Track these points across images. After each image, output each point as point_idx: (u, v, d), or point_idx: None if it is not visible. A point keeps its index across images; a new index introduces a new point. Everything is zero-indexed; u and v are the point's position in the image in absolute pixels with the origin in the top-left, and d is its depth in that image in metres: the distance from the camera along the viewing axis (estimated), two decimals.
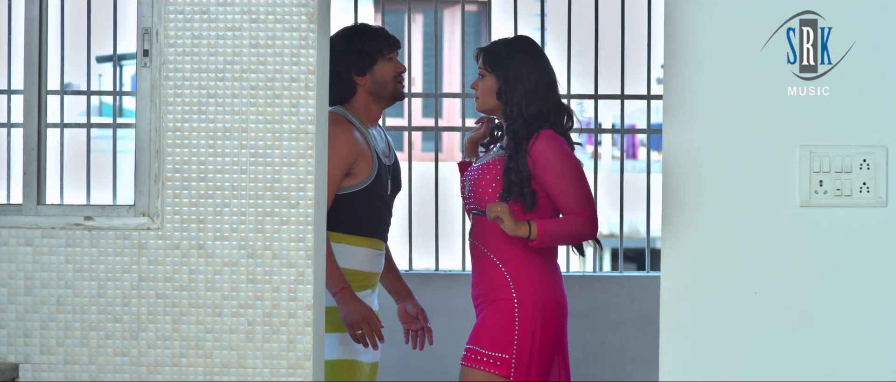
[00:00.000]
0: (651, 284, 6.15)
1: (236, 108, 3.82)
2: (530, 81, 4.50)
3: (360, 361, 4.70)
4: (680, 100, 3.63)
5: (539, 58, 4.55)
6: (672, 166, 3.63)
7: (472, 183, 4.57)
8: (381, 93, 4.72)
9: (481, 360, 4.47)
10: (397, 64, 4.75)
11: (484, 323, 4.51)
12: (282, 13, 3.81)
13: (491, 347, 4.46)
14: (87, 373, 3.86)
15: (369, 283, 4.72)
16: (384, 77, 4.71)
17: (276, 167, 3.81)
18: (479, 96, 4.59)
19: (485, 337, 4.48)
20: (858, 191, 3.57)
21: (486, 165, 4.56)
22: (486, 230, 4.53)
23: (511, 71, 4.51)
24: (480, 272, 4.57)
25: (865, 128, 3.58)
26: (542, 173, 4.42)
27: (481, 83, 4.59)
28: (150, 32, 3.85)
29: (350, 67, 4.68)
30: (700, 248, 3.62)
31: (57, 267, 3.87)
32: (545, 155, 4.42)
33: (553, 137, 4.46)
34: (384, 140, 4.84)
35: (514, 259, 4.48)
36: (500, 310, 4.48)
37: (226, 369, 3.82)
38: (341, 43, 4.70)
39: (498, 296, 4.49)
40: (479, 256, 4.57)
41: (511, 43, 4.60)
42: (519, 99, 4.49)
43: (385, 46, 4.72)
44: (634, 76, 6.62)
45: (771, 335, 3.60)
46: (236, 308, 3.82)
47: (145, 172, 3.85)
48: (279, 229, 3.81)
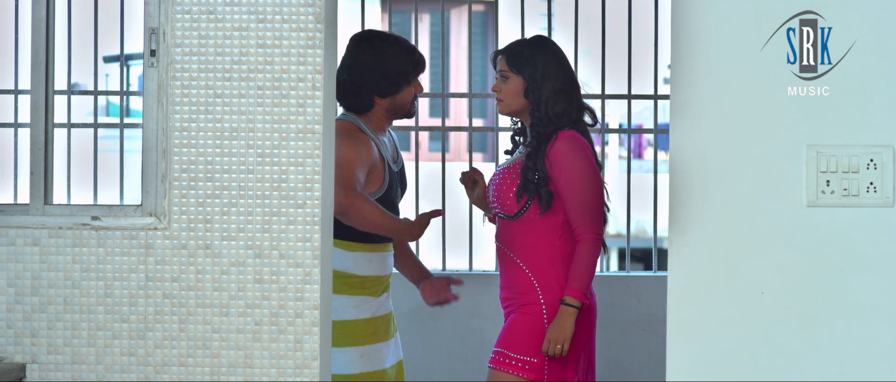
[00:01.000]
0: (658, 284, 6.14)
1: (243, 108, 3.82)
2: (557, 79, 4.49)
3: (383, 369, 4.70)
4: (687, 100, 3.62)
5: (561, 56, 4.54)
6: (679, 166, 3.63)
7: (494, 187, 4.56)
8: (397, 113, 4.72)
9: (510, 364, 4.47)
10: (417, 85, 4.73)
11: (512, 327, 4.50)
12: (289, 13, 3.81)
13: (520, 351, 4.46)
14: (94, 373, 3.86)
15: (385, 285, 4.75)
16: (404, 101, 4.70)
17: (283, 167, 3.81)
18: (504, 99, 4.55)
19: (514, 341, 4.48)
20: (865, 191, 3.57)
21: (507, 168, 4.55)
22: (511, 235, 4.53)
23: (538, 70, 4.49)
24: (507, 275, 4.56)
25: (871, 128, 3.57)
26: (558, 177, 4.42)
27: (505, 85, 4.55)
28: (156, 32, 3.85)
29: (374, 87, 4.65)
30: (707, 248, 3.62)
31: (64, 267, 3.87)
32: (562, 159, 4.41)
33: (573, 139, 4.44)
34: (392, 145, 4.83)
35: (540, 264, 4.48)
36: (529, 314, 4.47)
37: (233, 369, 3.83)
38: (370, 58, 4.66)
39: (525, 300, 4.49)
40: (506, 260, 4.57)
41: (531, 42, 4.57)
42: (547, 98, 4.47)
43: (412, 71, 4.70)
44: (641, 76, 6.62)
45: (778, 335, 3.60)
46: (243, 308, 3.82)
47: (152, 172, 3.86)
48: (286, 229, 3.81)
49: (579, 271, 4.40)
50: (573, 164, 4.41)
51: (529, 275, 4.48)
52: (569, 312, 4.39)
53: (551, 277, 4.46)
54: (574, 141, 4.44)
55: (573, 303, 4.39)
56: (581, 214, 4.41)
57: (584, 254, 4.40)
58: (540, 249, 4.47)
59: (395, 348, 4.79)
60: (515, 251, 4.51)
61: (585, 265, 4.40)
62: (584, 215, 4.41)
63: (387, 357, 4.70)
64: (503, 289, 4.59)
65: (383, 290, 4.72)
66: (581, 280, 4.39)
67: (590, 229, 4.41)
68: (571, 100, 4.49)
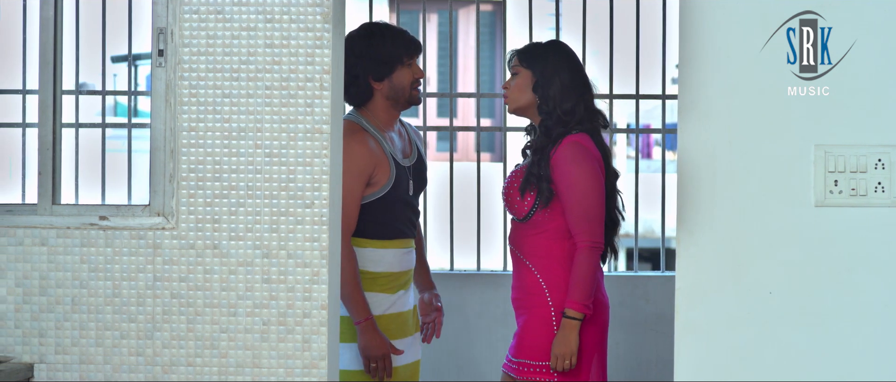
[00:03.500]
0: (666, 284, 6.14)
1: (251, 108, 3.82)
2: (566, 76, 4.50)
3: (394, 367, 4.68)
4: (695, 99, 3.62)
5: (574, 58, 4.56)
6: (687, 166, 3.63)
7: (505, 189, 4.57)
8: (398, 98, 4.69)
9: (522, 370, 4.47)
10: (416, 69, 4.71)
11: (524, 331, 4.51)
12: (297, 13, 3.81)
13: (532, 356, 4.47)
14: (102, 373, 3.86)
15: (402, 282, 4.71)
16: (402, 84, 4.68)
17: (291, 167, 3.81)
18: (510, 94, 4.57)
19: (526, 346, 4.49)
20: (873, 191, 3.57)
21: (518, 171, 4.56)
22: (522, 237, 4.54)
23: (548, 65, 4.51)
24: (518, 277, 4.58)
25: (877, 127, 3.57)
26: (559, 182, 4.43)
27: (514, 80, 4.57)
28: (165, 32, 3.85)
29: (368, 71, 4.64)
30: (715, 248, 3.62)
31: (72, 267, 3.87)
32: (564, 165, 4.42)
33: (578, 145, 4.44)
34: (405, 139, 4.81)
35: (547, 264, 4.49)
36: (538, 317, 4.48)
37: (241, 369, 3.83)
38: (361, 45, 4.66)
39: (534, 302, 4.50)
40: (517, 262, 4.58)
41: (547, 42, 4.62)
42: (555, 93, 4.49)
43: (404, 53, 4.67)
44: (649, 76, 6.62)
45: (785, 335, 3.59)
46: (251, 308, 3.82)
47: (160, 171, 3.86)
48: (294, 229, 3.81)
49: (577, 281, 4.41)
50: (574, 170, 4.41)
51: (538, 276, 4.48)
52: (571, 325, 4.41)
53: (559, 277, 4.47)
54: (578, 147, 4.44)
55: (575, 315, 4.40)
56: (579, 221, 4.42)
57: (581, 264, 4.41)
58: (548, 250, 4.48)
59: (413, 345, 4.77)
60: (525, 253, 4.52)
61: (583, 274, 4.40)
62: (581, 222, 4.42)
63: (401, 355, 4.69)
64: (514, 290, 4.60)
65: (400, 287, 4.70)
66: (581, 291, 4.40)
67: (587, 237, 4.41)
68: (580, 99, 4.50)
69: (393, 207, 4.66)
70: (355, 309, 4.55)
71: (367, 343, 4.56)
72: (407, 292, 4.74)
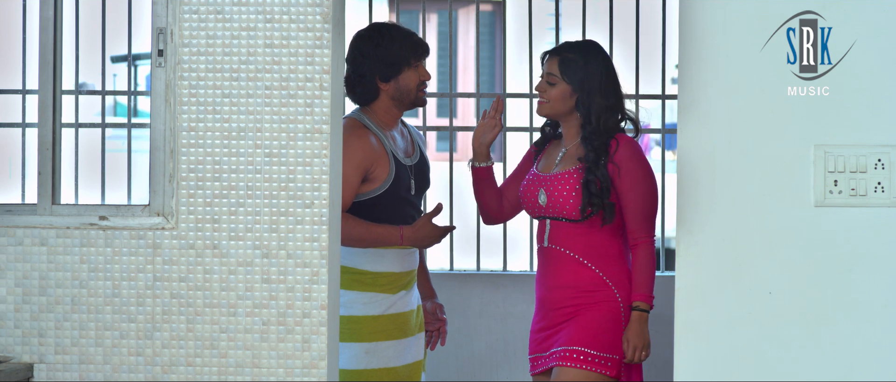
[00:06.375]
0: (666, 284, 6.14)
1: (251, 108, 3.82)
2: (608, 94, 4.50)
3: (393, 367, 4.68)
4: (695, 99, 3.62)
5: (611, 66, 4.55)
6: (686, 166, 3.63)
7: (548, 193, 4.53)
8: (403, 100, 4.69)
9: (590, 360, 4.46)
10: (423, 72, 4.71)
11: (589, 324, 4.49)
12: (296, 13, 3.81)
13: (600, 347, 4.46)
14: (101, 373, 3.86)
15: (404, 282, 4.70)
16: (408, 86, 4.68)
17: (291, 167, 3.81)
18: (549, 102, 4.53)
19: (593, 338, 4.47)
20: (873, 191, 3.57)
21: (561, 175, 4.52)
22: (572, 236, 4.51)
23: (589, 81, 4.50)
24: (565, 274, 4.52)
25: (877, 127, 3.57)
26: (624, 181, 4.42)
27: (552, 89, 4.54)
28: (164, 32, 3.85)
29: (375, 72, 4.65)
30: (715, 248, 3.62)
31: (72, 267, 3.87)
32: (628, 163, 4.43)
33: (634, 143, 4.49)
34: (407, 139, 4.81)
35: (608, 262, 4.50)
36: (606, 311, 4.48)
37: (240, 369, 3.83)
38: (368, 46, 4.66)
39: (598, 298, 4.49)
40: (564, 260, 4.52)
41: (584, 49, 4.56)
42: (597, 110, 4.48)
43: (412, 55, 4.67)
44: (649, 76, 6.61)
45: (785, 334, 3.59)
46: (251, 308, 3.82)
47: (160, 172, 3.86)
48: (294, 229, 3.81)
49: (644, 275, 4.45)
50: (638, 168, 4.44)
51: (599, 274, 4.48)
52: (644, 317, 4.46)
53: (621, 273, 4.49)
54: (636, 146, 4.49)
55: (645, 307, 4.44)
56: (641, 219, 4.45)
57: (646, 258, 4.46)
58: (606, 248, 4.49)
59: (415, 346, 4.76)
60: (578, 252, 4.49)
61: (649, 268, 4.47)
62: (643, 220, 4.45)
63: (401, 355, 4.68)
64: (556, 289, 4.53)
65: (401, 287, 4.69)
66: (648, 285, 4.46)
67: (648, 233, 4.46)
68: (618, 112, 4.52)
69: (394, 204, 4.66)
70: (384, 236, 4.61)
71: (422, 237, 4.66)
72: (409, 292, 4.73)
